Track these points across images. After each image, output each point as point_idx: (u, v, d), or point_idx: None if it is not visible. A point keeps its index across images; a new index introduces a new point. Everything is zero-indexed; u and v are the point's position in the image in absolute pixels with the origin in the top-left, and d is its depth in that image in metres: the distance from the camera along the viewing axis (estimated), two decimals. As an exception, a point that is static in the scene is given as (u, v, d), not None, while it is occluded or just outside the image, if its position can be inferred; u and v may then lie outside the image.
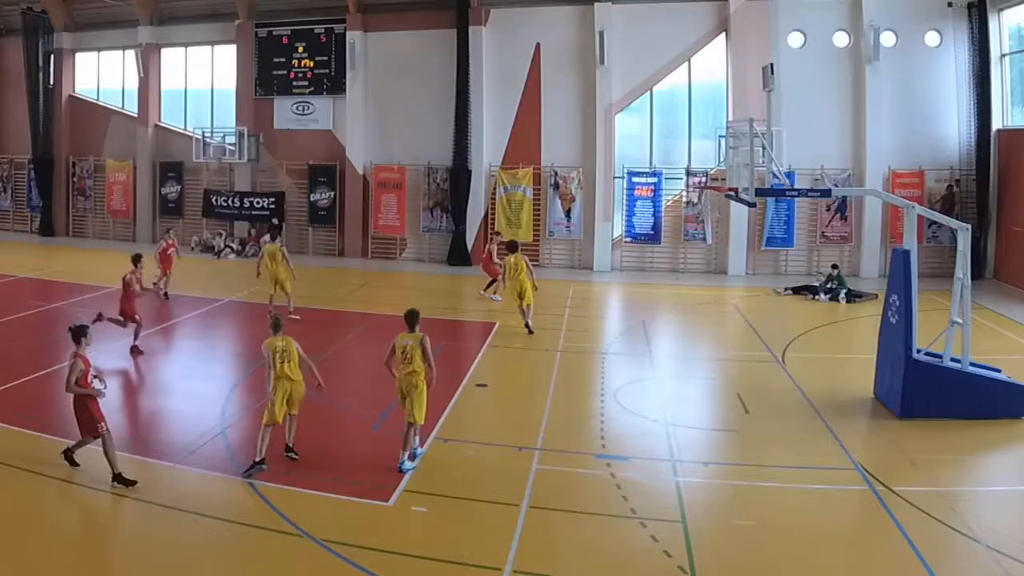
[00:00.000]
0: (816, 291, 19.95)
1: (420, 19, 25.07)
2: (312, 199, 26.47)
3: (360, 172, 25.81)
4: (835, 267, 20.55)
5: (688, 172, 23.66)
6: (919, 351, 11.04)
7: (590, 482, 8.95)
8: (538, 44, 24.25)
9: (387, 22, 25.41)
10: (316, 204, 26.46)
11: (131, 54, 28.34)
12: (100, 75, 29.82)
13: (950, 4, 22.04)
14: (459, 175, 24.53)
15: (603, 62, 23.42)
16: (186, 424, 10.55)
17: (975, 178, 22.18)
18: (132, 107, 28.73)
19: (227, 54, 27.50)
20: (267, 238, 26.05)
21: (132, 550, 7.62)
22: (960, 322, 10.96)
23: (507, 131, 24.70)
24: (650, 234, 23.92)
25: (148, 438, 9.94)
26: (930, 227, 21.74)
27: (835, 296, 19.50)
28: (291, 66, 26.54)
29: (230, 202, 26.87)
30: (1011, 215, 21.57)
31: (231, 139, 26.56)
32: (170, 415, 11.19)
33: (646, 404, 11.82)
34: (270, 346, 9.17)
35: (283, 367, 9.11)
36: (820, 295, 19.74)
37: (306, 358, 9.38)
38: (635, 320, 17.74)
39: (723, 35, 23.31)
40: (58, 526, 7.77)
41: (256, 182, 27.17)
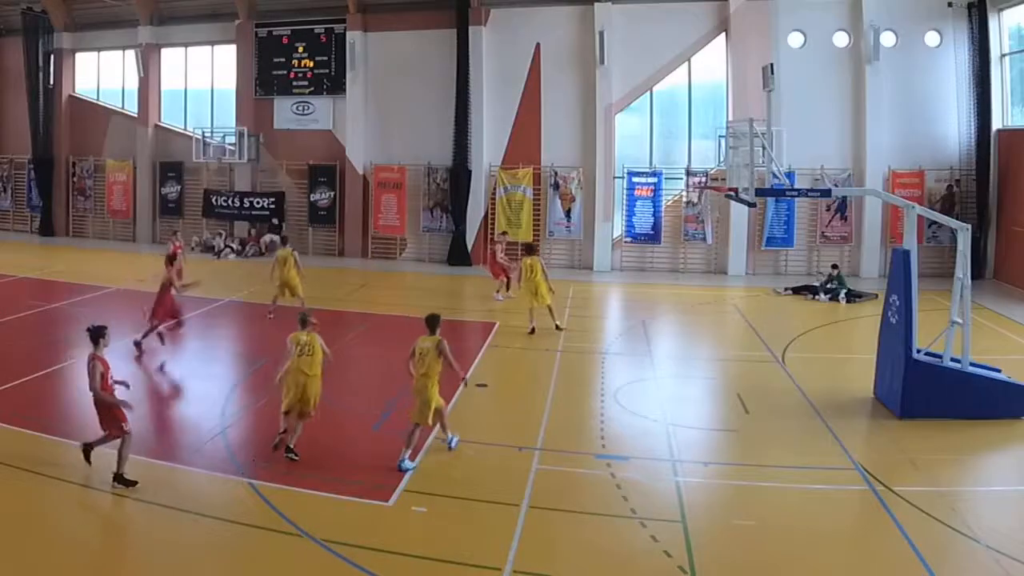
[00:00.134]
0: (816, 291, 19.94)
1: (420, 19, 25.06)
2: (312, 199, 26.47)
3: (360, 172, 25.81)
4: (835, 267, 20.55)
5: (688, 172, 23.66)
6: (919, 351, 11.04)
7: (590, 482, 8.95)
8: (538, 44, 24.25)
9: (387, 22, 25.41)
10: (316, 204, 26.46)
11: (131, 54, 28.34)
12: (100, 75, 29.81)
13: (950, 4, 22.03)
14: (459, 175, 24.53)
15: (603, 62, 23.42)
16: (186, 424, 10.56)
17: (975, 178, 22.17)
18: (132, 107, 28.72)
19: (227, 54, 27.50)
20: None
21: (132, 550, 7.63)
22: (960, 322, 10.96)
23: (507, 131, 24.70)
24: (650, 234, 23.92)
25: (148, 438, 9.91)
26: (930, 227, 21.73)
27: (835, 296, 19.49)
28: (291, 66, 26.54)
29: (230, 202, 26.87)
30: (1011, 215, 21.57)
31: (231, 139, 26.55)
32: (170, 415, 11.20)
33: (646, 404, 11.82)
34: (294, 339, 9.48)
35: (300, 360, 9.33)
36: (820, 295, 19.74)
37: (328, 354, 9.63)
38: (635, 320, 17.74)
39: (723, 35, 23.31)
40: (58, 526, 7.76)
41: (256, 182, 27.17)
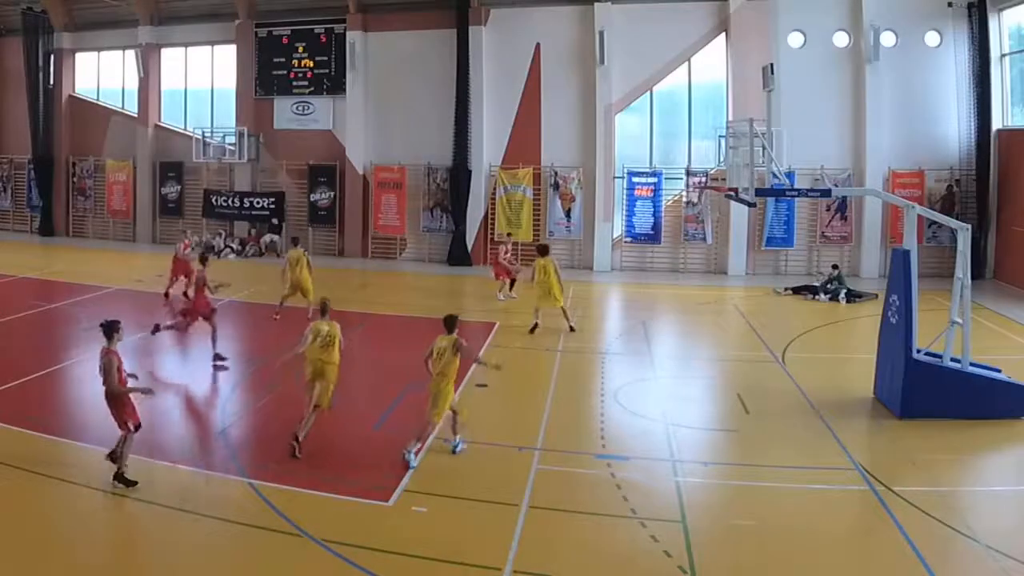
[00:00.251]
0: (816, 291, 19.94)
1: (420, 19, 25.07)
2: (312, 199, 26.47)
3: (360, 172, 25.81)
4: (835, 267, 20.55)
5: (688, 172, 23.66)
6: (919, 351, 11.04)
7: (590, 482, 8.95)
8: (538, 44, 24.25)
9: (387, 22, 25.41)
10: (316, 204, 26.46)
11: (131, 54, 28.35)
12: (100, 75, 29.82)
13: (950, 4, 22.03)
14: (459, 175, 24.53)
15: (603, 62, 23.42)
16: (186, 424, 10.55)
17: (975, 178, 22.17)
18: (132, 107, 28.73)
19: (227, 54, 27.50)
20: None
21: (132, 550, 7.63)
22: (960, 322, 10.96)
23: (507, 131, 24.70)
24: (650, 234, 23.92)
25: (148, 438, 9.87)
26: (930, 227, 21.72)
27: (835, 296, 19.50)
28: (291, 66, 26.54)
29: (230, 202, 26.87)
30: (1011, 215, 21.58)
31: (231, 139, 26.57)
32: (170, 415, 11.18)
33: (646, 404, 11.82)
34: (315, 329, 9.71)
35: (320, 350, 9.58)
36: (820, 295, 19.74)
37: (342, 342, 9.86)
38: (635, 320, 17.73)
39: (723, 35, 23.31)
40: (58, 526, 7.76)
41: (256, 182, 27.17)
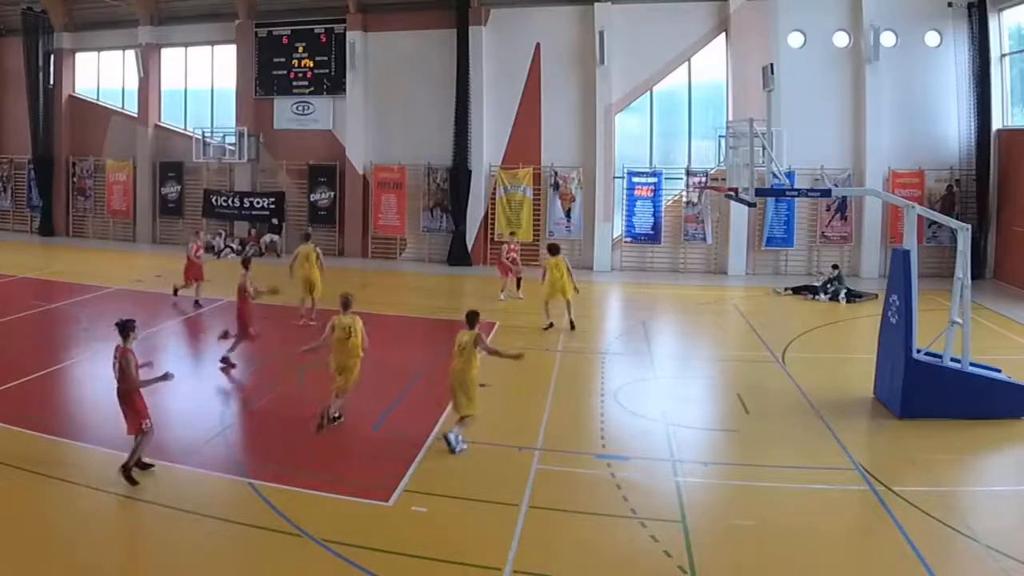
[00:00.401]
0: (816, 291, 19.94)
1: (420, 19, 25.06)
2: (312, 199, 26.47)
3: (360, 172, 25.81)
4: (836, 267, 20.55)
5: (688, 172, 23.66)
6: (919, 351, 11.04)
7: (590, 482, 8.95)
8: (538, 44, 24.25)
9: (387, 22, 25.41)
10: (316, 204, 26.46)
11: (131, 54, 28.34)
12: (100, 75, 29.81)
13: (950, 4, 22.03)
14: (459, 175, 24.52)
15: (603, 62, 23.42)
16: (186, 424, 10.54)
17: (975, 178, 22.17)
18: (132, 107, 28.72)
19: (227, 54, 27.49)
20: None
21: (132, 550, 7.63)
22: (960, 322, 10.96)
23: (507, 131, 24.70)
24: (650, 234, 23.92)
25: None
26: (930, 227, 21.73)
27: (835, 296, 19.50)
28: (291, 66, 26.53)
29: (230, 202, 26.86)
30: (1011, 215, 21.58)
31: (231, 139, 26.56)
32: (170, 415, 11.17)
33: (646, 404, 11.81)
34: (336, 323, 10.11)
35: (341, 343, 10.03)
36: (820, 295, 19.74)
37: (366, 340, 10.26)
38: (635, 320, 17.74)
39: (723, 35, 23.31)
40: (58, 526, 7.75)
41: (256, 182, 27.17)
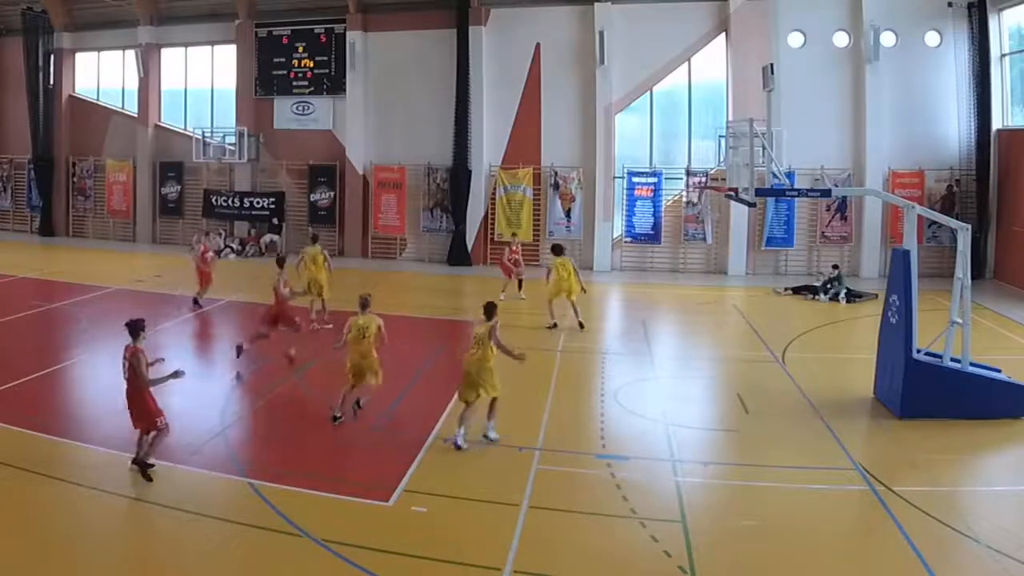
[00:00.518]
0: (816, 291, 19.94)
1: (420, 19, 25.06)
2: (312, 199, 26.47)
3: (360, 172, 25.81)
4: (836, 267, 20.54)
5: (688, 172, 23.66)
6: (919, 351, 11.04)
7: (590, 482, 8.95)
8: (538, 44, 24.24)
9: (387, 22, 25.40)
10: (316, 204, 26.46)
11: (131, 54, 28.33)
12: (100, 75, 29.80)
13: (950, 4, 22.03)
14: (459, 175, 24.52)
15: (603, 62, 23.42)
16: (186, 424, 10.54)
17: (975, 178, 22.17)
18: (132, 107, 28.71)
19: (227, 54, 27.48)
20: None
21: (132, 550, 7.62)
22: (960, 322, 10.96)
23: (507, 131, 24.69)
24: (650, 234, 23.91)
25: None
26: (930, 227, 21.72)
27: (835, 296, 19.50)
28: (291, 66, 26.53)
29: (230, 202, 26.86)
30: (1011, 215, 21.58)
31: (231, 139, 26.55)
32: (170, 415, 11.15)
33: (646, 404, 11.82)
34: (353, 323, 10.30)
35: (356, 343, 10.18)
36: (820, 295, 19.74)
37: (384, 336, 10.35)
38: (635, 320, 17.75)
39: (723, 35, 23.31)
40: (58, 526, 7.75)
41: (256, 182, 27.17)
